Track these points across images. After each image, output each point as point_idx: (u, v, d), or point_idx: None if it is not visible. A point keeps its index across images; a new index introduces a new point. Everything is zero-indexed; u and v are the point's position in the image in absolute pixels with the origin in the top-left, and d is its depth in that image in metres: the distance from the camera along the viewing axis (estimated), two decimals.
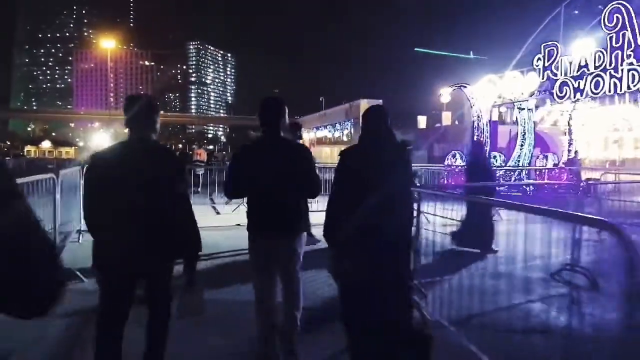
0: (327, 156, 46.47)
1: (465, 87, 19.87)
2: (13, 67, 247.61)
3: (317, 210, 6.98)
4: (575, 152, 20.27)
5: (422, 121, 53.25)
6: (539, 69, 16.25)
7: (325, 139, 55.53)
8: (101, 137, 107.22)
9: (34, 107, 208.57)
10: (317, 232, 7.58)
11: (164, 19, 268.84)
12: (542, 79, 16.23)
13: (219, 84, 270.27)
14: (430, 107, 62.45)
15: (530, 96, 17.24)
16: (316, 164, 4.04)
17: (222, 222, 10.39)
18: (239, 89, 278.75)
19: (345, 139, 48.80)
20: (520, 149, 19.55)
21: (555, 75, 15.74)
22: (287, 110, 3.46)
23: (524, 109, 18.66)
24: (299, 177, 3.33)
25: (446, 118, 48.92)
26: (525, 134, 19.30)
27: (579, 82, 14.86)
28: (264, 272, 3.43)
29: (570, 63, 15.37)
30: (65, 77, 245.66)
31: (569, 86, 15.29)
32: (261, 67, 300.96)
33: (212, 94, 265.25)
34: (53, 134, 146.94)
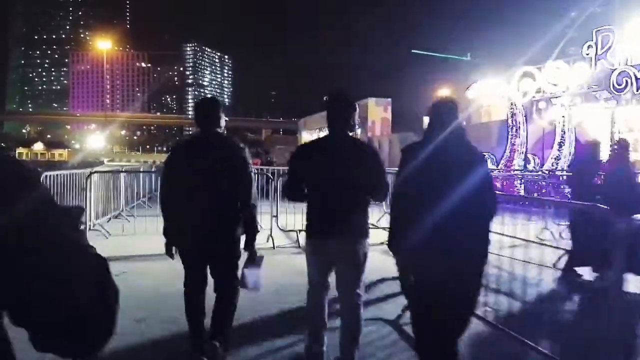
0: None
1: (493, 80, 17.79)
2: (8, 69, 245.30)
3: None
4: None
5: (427, 122, 52.09)
6: (590, 58, 14.16)
7: None
8: (97, 138, 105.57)
9: (30, 109, 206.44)
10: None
11: (160, 20, 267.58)
12: (594, 69, 14.14)
13: (216, 86, 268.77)
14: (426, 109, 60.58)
15: (583, 89, 15.10)
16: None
17: None
18: (236, 90, 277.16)
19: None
20: (559, 150, 17.42)
21: (612, 64, 13.67)
22: (356, 107, 3.29)
23: (563, 104, 16.55)
24: (363, 179, 3.15)
25: None
26: (564, 132, 17.17)
27: None
28: (320, 279, 3.31)
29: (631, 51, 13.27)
30: (61, 79, 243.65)
31: (630, 77, 13.18)
32: (259, 68, 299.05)
33: (209, 95, 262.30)
34: (48, 136, 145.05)
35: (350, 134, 3.28)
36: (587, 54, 14.33)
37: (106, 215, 10.38)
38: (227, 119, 3.60)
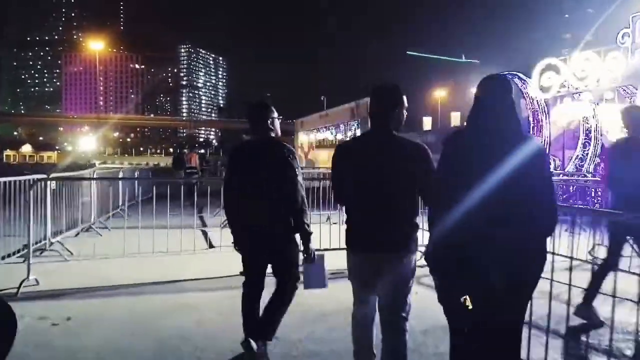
0: (324, 161, 42.39)
1: (516, 75, 16.22)
2: (0, 71, 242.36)
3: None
4: None
5: (427, 123, 51.32)
6: (626, 47, 12.62)
7: (326, 142, 51.66)
8: (89, 141, 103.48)
9: (22, 111, 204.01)
10: None
11: (154, 22, 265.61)
12: (631, 59, 12.59)
13: (210, 88, 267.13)
14: (423, 109, 59.84)
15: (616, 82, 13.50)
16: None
17: (214, 265, 6.53)
18: (231, 92, 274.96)
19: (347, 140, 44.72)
20: (583, 150, 15.89)
21: None
22: (404, 102, 2.87)
23: (592, 100, 15.00)
24: (409, 182, 2.74)
25: (455, 119, 46.85)
26: (590, 131, 15.63)
27: None
28: (364, 299, 2.92)
29: None
30: (54, 80, 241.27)
31: None
32: (254, 70, 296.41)
33: (204, 97, 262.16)
34: (40, 138, 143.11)
35: (398, 133, 2.84)
36: (623, 43, 12.77)
37: (74, 228, 8.72)
38: (279, 117, 3.74)
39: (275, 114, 3.68)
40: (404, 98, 2.88)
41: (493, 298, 2.15)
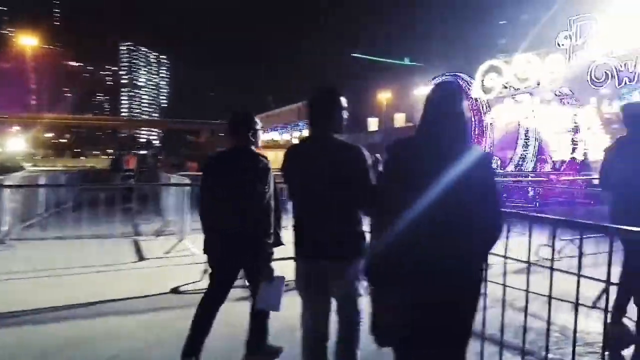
0: (270, 162, 41.59)
1: (459, 75, 16.35)
2: None
3: None
4: (585, 154, 17.24)
5: (373, 123, 51.78)
6: (566, 49, 12.85)
7: (272, 143, 51.10)
8: (17, 142, 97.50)
9: None
10: None
11: (93, 18, 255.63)
12: (572, 61, 12.83)
13: (152, 87, 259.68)
14: (369, 110, 60.63)
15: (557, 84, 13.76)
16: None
17: (143, 282, 5.75)
18: (174, 91, 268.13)
19: (296, 142, 44.42)
20: (524, 150, 16.27)
21: (591, 56, 12.40)
22: (342, 104, 2.82)
23: (533, 101, 15.32)
24: (345, 186, 2.68)
25: (399, 120, 47.69)
26: (528, 131, 16.02)
27: (626, 64, 11.47)
28: (310, 306, 2.85)
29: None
30: None
31: (611, 69, 11.90)
32: (198, 68, 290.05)
33: (145, 97, 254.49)
34: None
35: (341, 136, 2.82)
36: (562, 45, 13.02)
37: None
38: (260, 129, 3.69)
39: (259, 126, 3.64)
40: (342, 100, 2.82)
41: (435, 308, 2.09)
